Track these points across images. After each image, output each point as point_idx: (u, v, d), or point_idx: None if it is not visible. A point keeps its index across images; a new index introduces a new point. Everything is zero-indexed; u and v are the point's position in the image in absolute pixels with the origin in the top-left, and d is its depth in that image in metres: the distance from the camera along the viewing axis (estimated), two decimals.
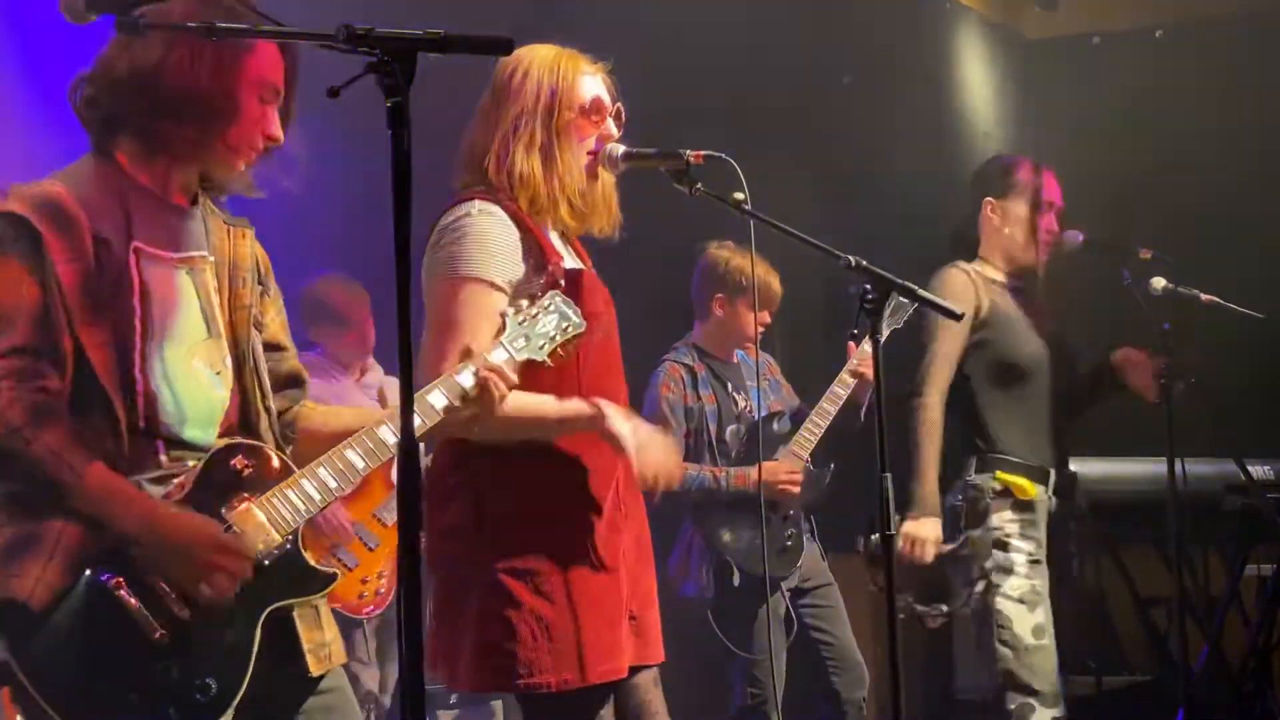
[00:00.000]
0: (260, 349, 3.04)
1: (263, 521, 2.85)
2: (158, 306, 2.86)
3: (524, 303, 3.24)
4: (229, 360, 2.97)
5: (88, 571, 2.72)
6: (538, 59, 3.56)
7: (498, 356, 3.15)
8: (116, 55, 2.87)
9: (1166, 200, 7.12)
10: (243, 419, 2.98)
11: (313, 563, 2.93)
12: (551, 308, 3.26)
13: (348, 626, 5.81)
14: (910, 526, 4.69)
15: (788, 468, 5.56)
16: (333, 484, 2.91)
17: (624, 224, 3.67)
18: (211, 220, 3.03)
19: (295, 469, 2.92)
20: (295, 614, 2.93)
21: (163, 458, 2.86)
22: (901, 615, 4.74)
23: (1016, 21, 8.37)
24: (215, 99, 2.86)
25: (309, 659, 2.96)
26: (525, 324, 3.21)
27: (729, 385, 5.73)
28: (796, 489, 5.57)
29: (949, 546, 4.74)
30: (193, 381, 2.90)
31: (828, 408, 5.68)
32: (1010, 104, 8.00)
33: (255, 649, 2.81)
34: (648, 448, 3.48)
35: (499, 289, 3.40)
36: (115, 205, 2.86)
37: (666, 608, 3.83)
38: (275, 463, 2.93)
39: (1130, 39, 8.03)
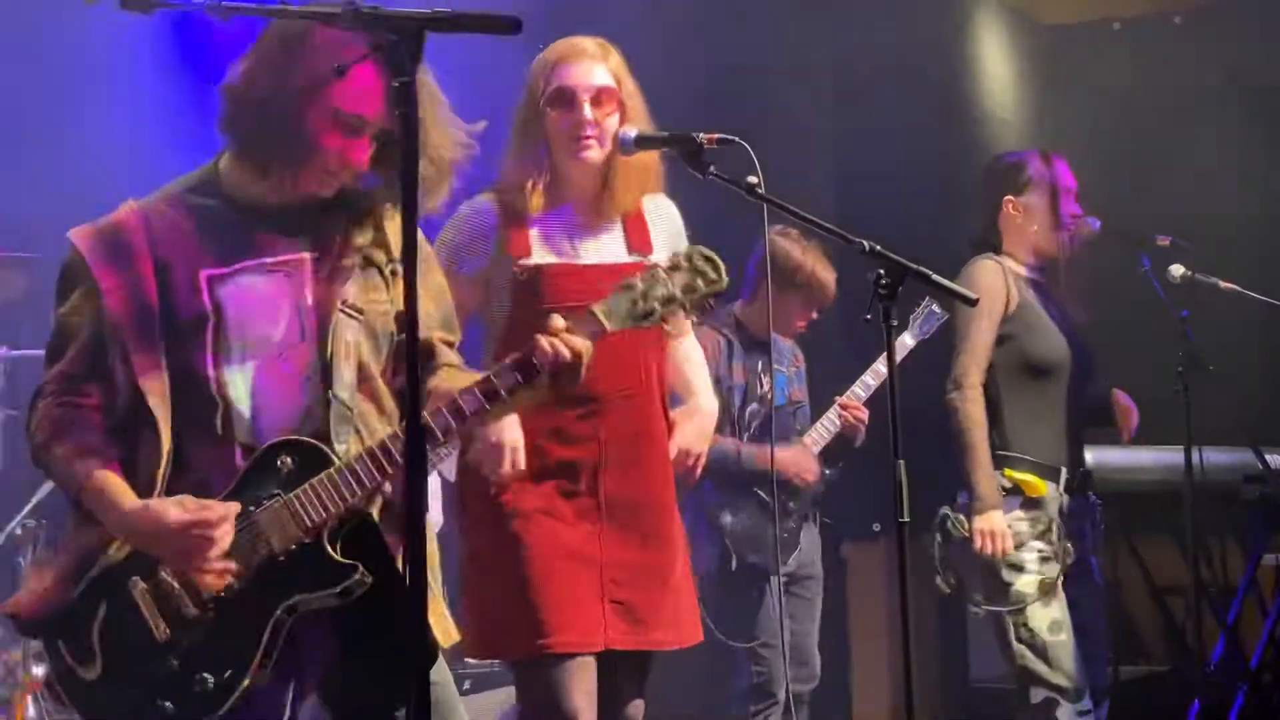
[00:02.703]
0: (348, 338, 2.94)
1: (286, 519, 2.83)
2: (235, 325, 2.89)
3: (652, 261, 3.22)
4: (317, 363, 2.94)
5: (128, 579, 2.84)
6: (539, 55, 3.73)
7: (586, 326, 2.98)
8: (231, 67, 2.92)
9: (1185, 187, 7.08)
10: (315, 415, 2.92)
11: (338, 557, 2.86)
12: (686, 267, 3.08)
13: None
14: (981, 522, 4.66)
15: (808, 459, 5.59)
16: (366, 477, 2.84)
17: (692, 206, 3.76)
18: (331, 216, 2.99)
19: (338, 462, 2.87)
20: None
21: (238, 458, 2.89)
22: (979, 613, 4.76)
23: (1034, 7, 8.32)
24: (288, 120, 2.85)
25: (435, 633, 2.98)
26: (627, 290, 3.03)
27: (759, 365, 5.73)
28: (813, 478, 5.59)
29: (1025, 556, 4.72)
30: (271, 389, 2.91)
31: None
32: (1028, 90, 7.96)
33: (263, 645, 2.80)
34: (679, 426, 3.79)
35: (465, 277, 3.62)
36: (194, 227, 2.92)
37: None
38: (321, 458, 2.86)
39: (1149, 25, 7.98)
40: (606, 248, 3.71)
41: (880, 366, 5.64)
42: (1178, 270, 5.21)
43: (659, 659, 3.80)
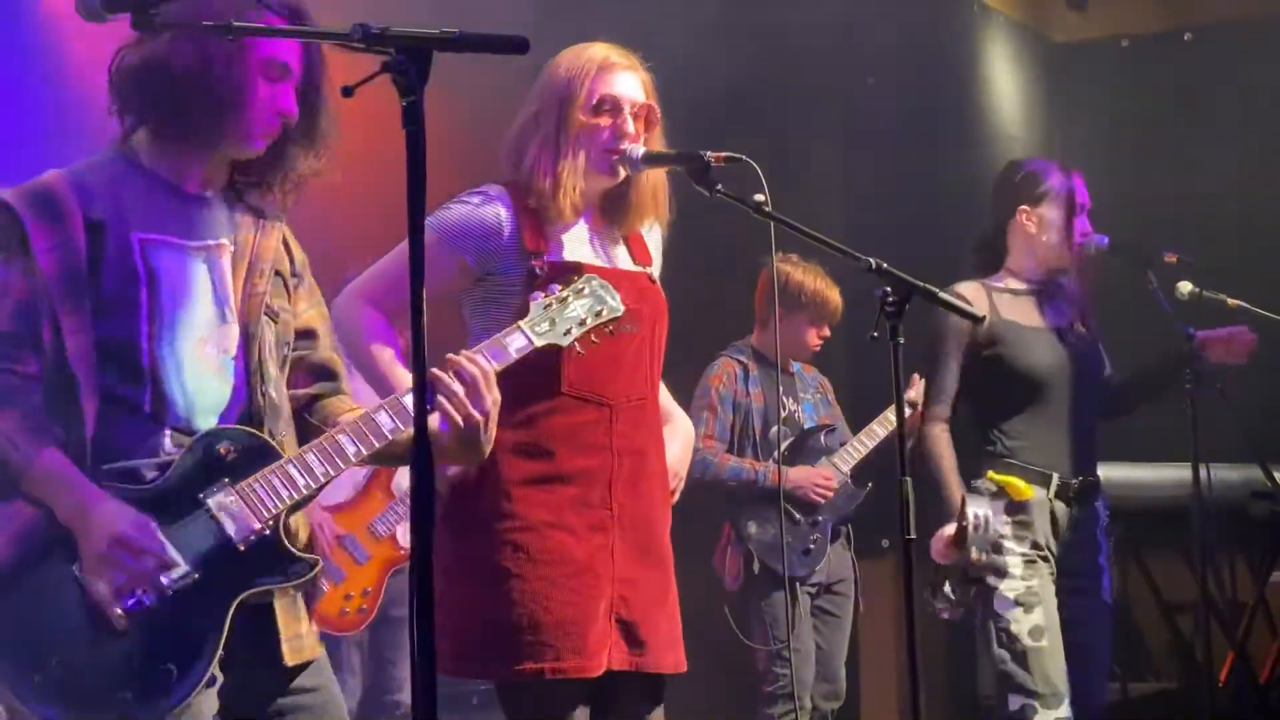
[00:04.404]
0: (270, 338, 2.99)
1: (242, 507, 2.82)
2: (167, 295, 2.87)
3: (556, 287, 3.17)
4: (240, 352, 2.95)
5: (71, 566, 2.75)
6: (569, 57, 3.62)
7: (515, 342, 3.07)
8: (129, 49, 2.88)
9: (1194, 204, 7.09)
10: (245, 406, 2.94)
11: (293, 548, 2.89)
12: (586, 291, 3.17)
13: (329, 642, 5.78)
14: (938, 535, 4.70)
15: (824, 475, 5.68)
16: (319, 469, 2.87)
17: (684, 230, 3.71)
18: (239, 211, 3.02)
19: (283, 454, 2.89)
20: (275, 601, 2.90)
21: (167, 443, 2.85)
22: (942, 608, 4.76)
23: (1044, 24, 8.33)
24: (223, 87, 2.85)
25: (285, 648, 2.92)
26: (552, 308, 3.13)
27: (779, 389, 5.80)
28: (828, 495, 5.68)
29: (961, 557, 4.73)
30: (202, 370, 2.89)
31: (878, 430, 5.80)
32: (1037, 107, 7.97)
33: (224, 634, 2.78)
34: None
35: (457, 255, 3.51)
36: (121, 194, 2.89)
37: (711, 600, 3.94)
38: (263, 448, 2.88)
39: (1160, 42, 7.99)
40: (620, 256, 3.67)
41: None
42: (1185, 287, 5.20)
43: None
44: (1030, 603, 4.67)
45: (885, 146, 7.29)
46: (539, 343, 3.09)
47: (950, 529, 4.64)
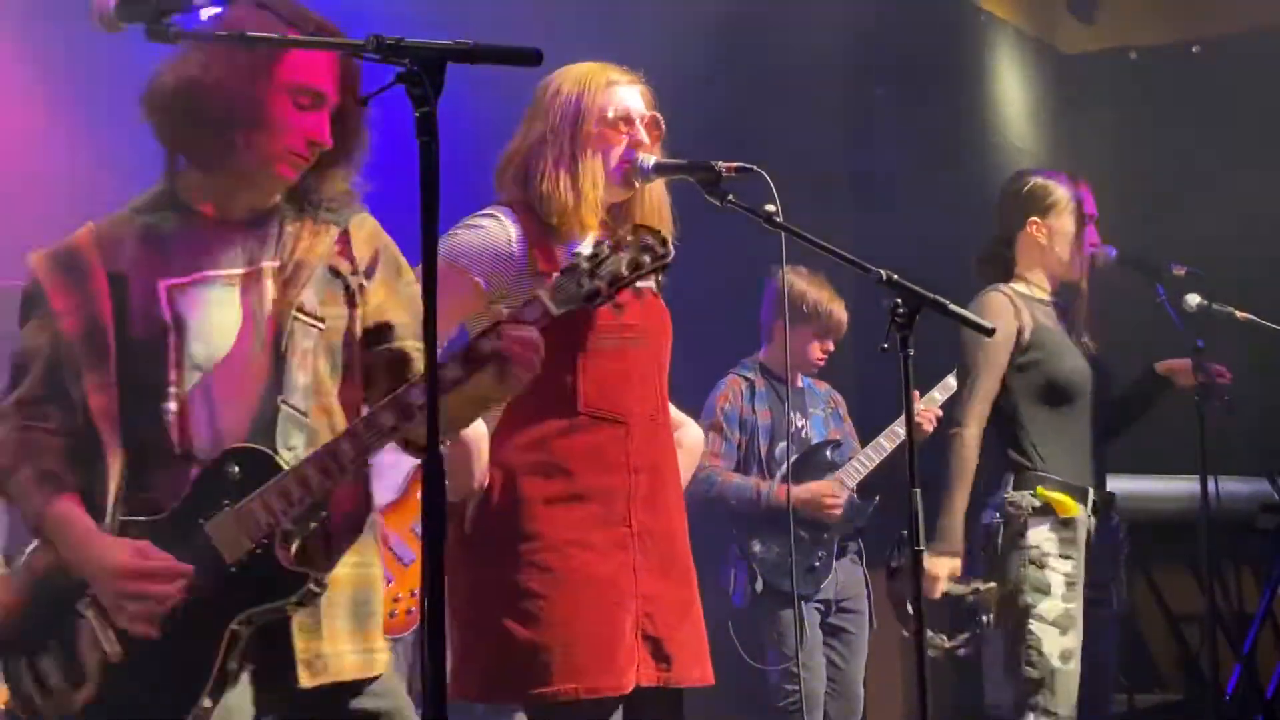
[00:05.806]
0: (304, 344, 2.88)
1: (235, 528, 2.77)
2: (196, 335, 2.85)
3: (605, 243, 2.86)
4: (274, 374, 2.88)
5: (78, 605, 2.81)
6: (570, 74, 3.61)
7: (530, 312, 2.82)
8: (164, 68, 2.84)
9: (1202, 216, 7.08)
10: (266, 421, 2.86)
11: (286, 565, 2.80)
12: (633, 242, 2.83)
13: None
14: (930, 564, 4.63)
15: (831, 491, 5.65)
16: (315, 480, 2.77)
17: (701, 245, 3.71)
18: (291, 222, 2.95)
19: (284, 469, 2.81)
20: (294, 621, 2.84)
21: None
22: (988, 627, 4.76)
23: (1052, 36, 8.34)
24: (241, 108, 2.80)
25: (300, 670, 2.85)
26: (571, 273, 2.81)
27: (785, 405, 5.79)
28: (837, 512, 5.66)
29: (960, 589, 4.72)
30: (232, 404, 2.85)
31: (885, 444, 5.78)
32: (1045, 118, 7.97)
33: (219, 659, 2.75)
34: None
35: (471, 279, 3.45)
36: (152, 239, 2.89)
37: (717, 616, 3.91)
38: (267, 464, 2.80)
39: (1168, 54, 7.99)
40: None
41: (950, 380, 5.72)
42: (1194, 299, 5.20)
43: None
44: (1066, 625, 4.63)
45: (893, 157, 7.30)
46: (556, 311, 2.81)
47: (945, 566, 4.63)
